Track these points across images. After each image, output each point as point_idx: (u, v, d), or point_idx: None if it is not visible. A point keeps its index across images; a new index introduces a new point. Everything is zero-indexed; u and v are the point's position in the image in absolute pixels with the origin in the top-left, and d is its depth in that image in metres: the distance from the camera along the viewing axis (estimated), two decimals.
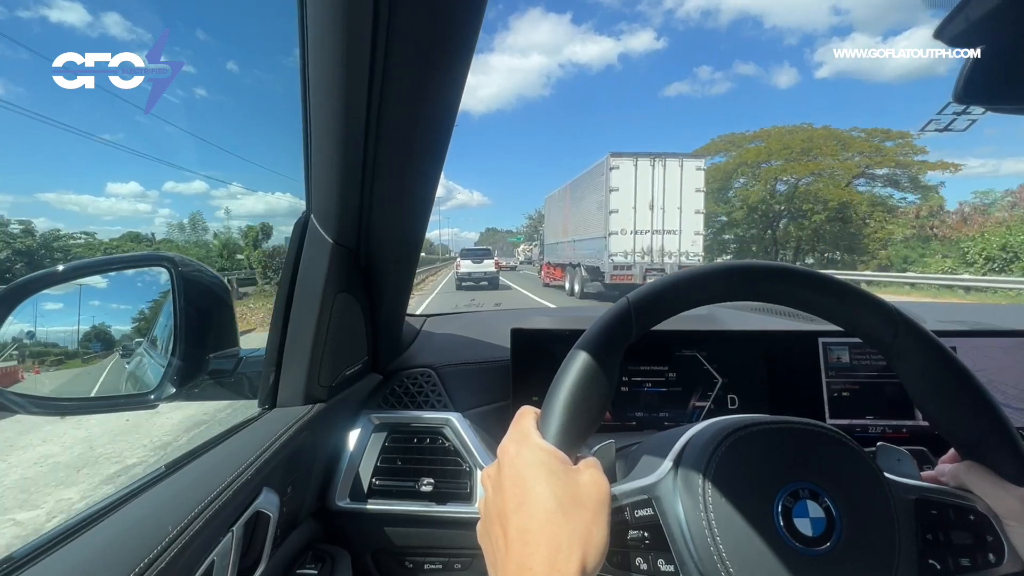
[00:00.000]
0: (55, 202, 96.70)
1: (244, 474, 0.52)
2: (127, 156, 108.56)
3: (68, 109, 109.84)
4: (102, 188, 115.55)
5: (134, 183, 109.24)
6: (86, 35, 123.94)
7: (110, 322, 0.70)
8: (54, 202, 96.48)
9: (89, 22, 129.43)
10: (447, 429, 0.83)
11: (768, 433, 0.42)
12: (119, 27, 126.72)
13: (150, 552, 0.39)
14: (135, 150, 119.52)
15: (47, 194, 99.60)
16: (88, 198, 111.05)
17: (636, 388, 0.86)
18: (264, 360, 0.69)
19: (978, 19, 0.31)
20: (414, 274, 0.85)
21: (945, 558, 0.40)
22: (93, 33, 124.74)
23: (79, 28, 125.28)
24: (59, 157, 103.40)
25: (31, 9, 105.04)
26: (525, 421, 0.41)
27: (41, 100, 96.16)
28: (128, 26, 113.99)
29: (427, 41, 0.48)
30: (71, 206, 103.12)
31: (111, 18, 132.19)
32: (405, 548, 0.82)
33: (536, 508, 0.35)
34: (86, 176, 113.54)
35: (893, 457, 0.48)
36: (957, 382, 0.43)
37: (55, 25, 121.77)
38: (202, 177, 65.21)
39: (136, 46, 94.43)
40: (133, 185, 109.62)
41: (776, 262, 0.47)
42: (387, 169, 0.60)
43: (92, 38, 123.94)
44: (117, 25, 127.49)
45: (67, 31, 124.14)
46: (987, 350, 0.87)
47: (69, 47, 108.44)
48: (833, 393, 0.86)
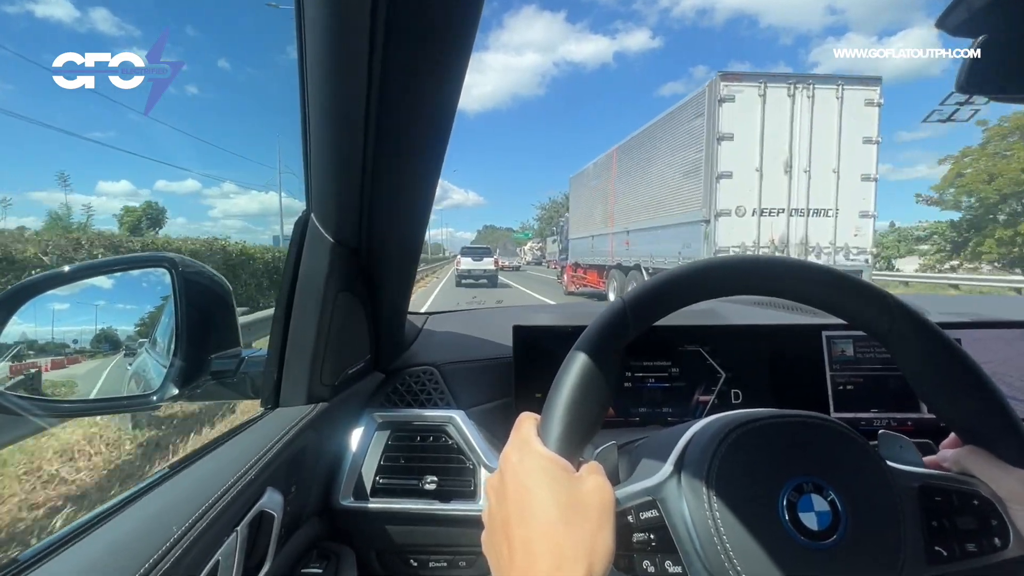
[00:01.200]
0: (46, 200, 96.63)
1: (248, 474, 0.53)
2: (117, 154, 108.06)
3: (58, 108, 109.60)
4: (93, 187, 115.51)
5: (125, 181, 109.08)
6: (74, 30, 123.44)
7: (113, 323, 0.71)
8: (45, 200, 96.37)
9: (77, 17, 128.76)
10: (450, 427, 0.83)
11: (769, 428, 0.42)
12: (107, 23, 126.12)
13: (155, 552, 0.40)
14: (129, 151, 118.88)
15: (38, 192, 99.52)
16: (79, 196, 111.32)
17: (639, 384, 0.86)
18: (266, 360, 0.69)
19: (980, 8, 0.31)
20: (415, 272, 0.85)
21: (951, 544, 0.40)
22: (81, 28, 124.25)
23: (66, 23, 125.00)
24: (50, 155, 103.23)
25: (16, 4, 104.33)
26: (526, 428, 0.41)
27: (29, 98, 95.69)
28: (117, 22, 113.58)
29: (425, 39, 0.48)
30: (62, 205, 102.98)
31: (99, 13, 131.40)
32: (409, 546, 0.83)
33: (539, 517, 0.35)
34: (77, 174, 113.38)
35: (895, 445, 0.48)
36: (955, 367, 0.43)
37: (41, 20, 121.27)
38: (195, 176, 64.81)
39: (126, 42, 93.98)
40: (124, 184, 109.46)
41: (771, 255, 0.47)
42: (387, 167, 0.60)
43: (77, 32, 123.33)
44: (106, 21, 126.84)
45: (54, 26, 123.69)
46: (990, 342, 0.87)
47: (53, 40, 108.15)
48: (837, 387, 0.86)
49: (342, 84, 0.50)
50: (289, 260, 0.66)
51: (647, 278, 3.91)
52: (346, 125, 0.54)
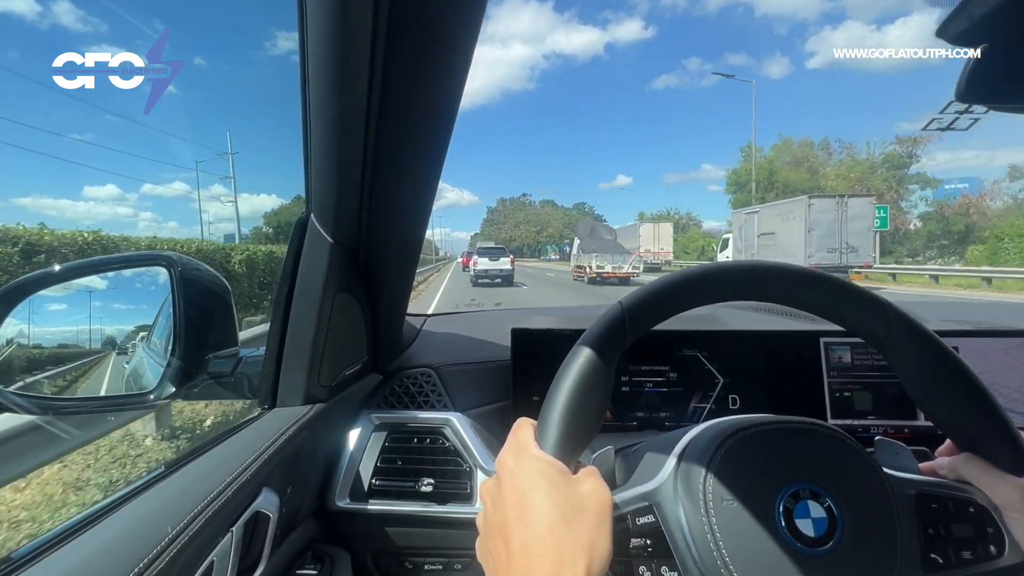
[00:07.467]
0: (31, 206, 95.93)
1: (244, 474, 0.52)
2: (102, 160, 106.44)
3: (49, 113, 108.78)
4: (79, 191, 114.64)
5: (111, 186, 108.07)
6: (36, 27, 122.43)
7: (110, 322, 0.70)
8: (30, 206, 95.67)
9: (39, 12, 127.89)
10: (447, 429, 0.83)
11: (766, 434, 0.42)
12: (87, 17, 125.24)
13: (149, 552, 0.39)
14: (129, 152, 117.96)
15: (23, 199, 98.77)
16: (66, 202, 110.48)
17: (637, 388, 0.86)
18: (264, 360, 0.69)
19: (980, 17, 0.31)
20: (414, 274, 0.85)
21: (947, 551, 0.40)
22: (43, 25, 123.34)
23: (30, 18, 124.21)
24: (33, 160, 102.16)
25: None
26: (523, 433, 0.41)
27: (10, 102, 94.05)
28: (113, 20, 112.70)
29: (427, 40, 0.48)
30: (49, 210, 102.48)
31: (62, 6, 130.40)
32: (405, 548, 0.82)
33: (537, 519, 0.35)
34: (62, 179, 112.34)
35: (891, 451, 0.48)
36: (952, 375, 0.43)
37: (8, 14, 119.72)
38: (182, 179, 63.56)
39: (118, 39, 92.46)
40: (110, 188, 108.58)
41: (769, 261, 0.47)
42: (387, 168, 0.60)
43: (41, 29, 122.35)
44: (69, 14, 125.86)
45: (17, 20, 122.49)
46: (988, 351, 0.86)
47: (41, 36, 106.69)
48: (835, 393, 0.86)
49: (343, 85, 0.50)
50: (288, 260, 0.66)
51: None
52: (347, 126, 0.54)
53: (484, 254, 20.61)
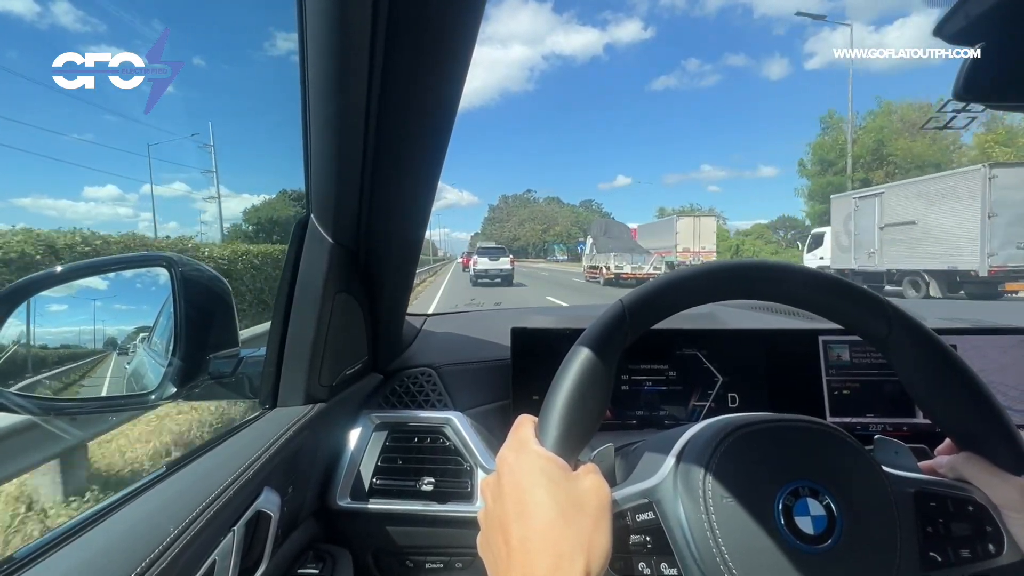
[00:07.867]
0: (31, 206, 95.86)
1: (245, 474, 0.53)
2: (102, 160, 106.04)
3: (49, 113, 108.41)
4: (79, 192, 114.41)
5: (111, 186, 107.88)
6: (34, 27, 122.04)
7: (111, 323, 0.70)
8: (30, 207, 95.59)
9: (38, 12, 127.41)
10: (448, 428, 0.83)
11: (765, 432, 0.42)
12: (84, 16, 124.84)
13: (151, 552, 0.39)
14: (126, 150, 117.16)
15: (23, 199, 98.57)
16: (66, 202, 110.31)
17: (636, 387, 0.86)
18: (264, 360, 0.69)
19: (977, 16, 0.31)
20: (414, 274, 0.86)
21: (945, 550, 0.40)
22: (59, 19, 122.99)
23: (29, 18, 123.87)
24: (33, 160, 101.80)
25: None
26: (523, 430, 0.41)
27: (10, 102, 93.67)
28: (113, 20, 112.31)
29: (426, 40, 0.48)
30: (49, 211, 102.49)
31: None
32: (406, 547, 0.82)
33: (537, 515, 0.35)
34: (62, 179, 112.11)
35: (891, 450, 0.48)
36: (952, 374, 0.43)
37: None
38: (182, 179, 63.13)
39: (118, 39, 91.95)
40: (111, 188, 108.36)
41: (770, 260, 0.47)
42: (387, 169, 0.60)
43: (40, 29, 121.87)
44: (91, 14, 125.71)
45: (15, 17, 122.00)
46: (987, 349, 0.87)
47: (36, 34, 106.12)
48: (834, 391, 0.86)
49: (343, 85, 0.50)
50: (288, 260, 0.66)
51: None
52: (346, 126, 0.54)
53: (484, 254, 20.78)
